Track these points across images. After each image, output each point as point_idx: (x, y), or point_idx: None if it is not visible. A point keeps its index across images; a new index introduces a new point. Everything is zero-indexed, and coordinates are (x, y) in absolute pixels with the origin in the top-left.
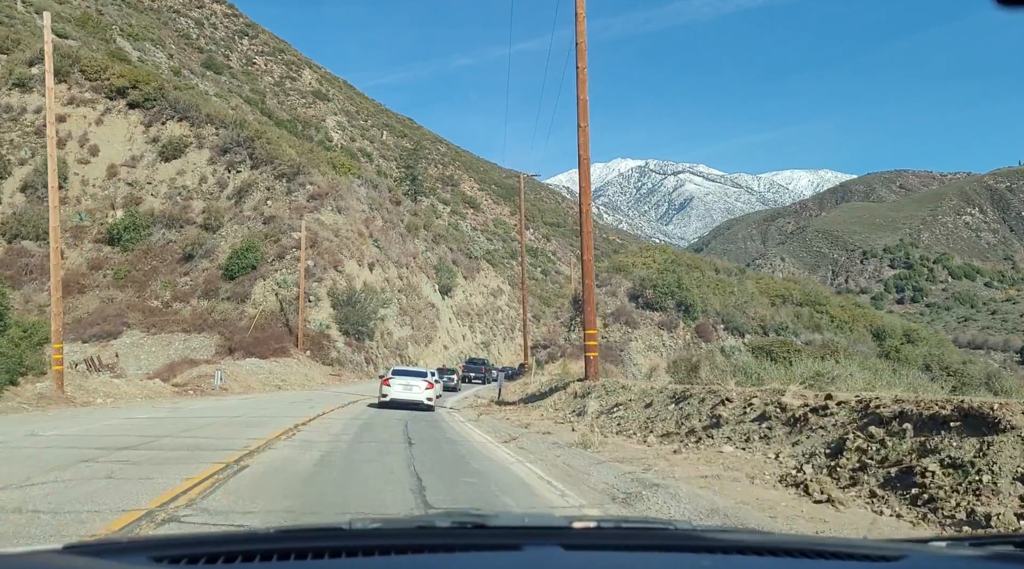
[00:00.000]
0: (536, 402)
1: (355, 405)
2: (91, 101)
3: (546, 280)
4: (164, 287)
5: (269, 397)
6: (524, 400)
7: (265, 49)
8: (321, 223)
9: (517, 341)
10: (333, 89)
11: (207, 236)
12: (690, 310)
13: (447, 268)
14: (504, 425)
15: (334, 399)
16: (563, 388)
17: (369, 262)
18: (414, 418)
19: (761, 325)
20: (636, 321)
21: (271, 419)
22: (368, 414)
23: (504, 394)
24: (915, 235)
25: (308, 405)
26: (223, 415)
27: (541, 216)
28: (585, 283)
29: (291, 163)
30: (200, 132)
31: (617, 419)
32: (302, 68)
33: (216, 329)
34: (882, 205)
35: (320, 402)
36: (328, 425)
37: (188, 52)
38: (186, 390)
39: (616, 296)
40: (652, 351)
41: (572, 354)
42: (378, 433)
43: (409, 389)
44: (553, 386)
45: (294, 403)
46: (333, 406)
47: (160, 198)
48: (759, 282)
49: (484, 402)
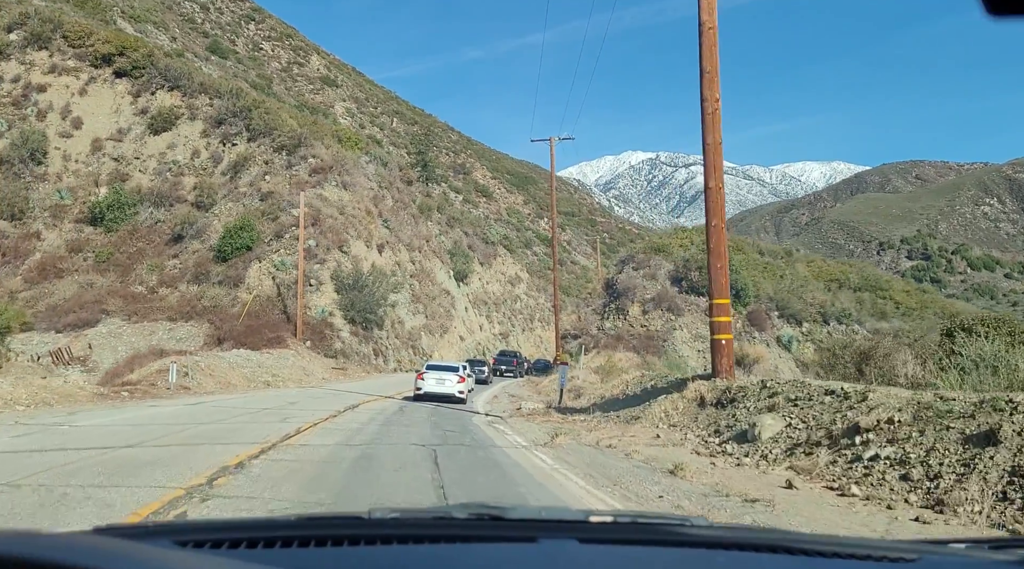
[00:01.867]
0: (625, 410)
1: (356, 412)
2: (74, 70)
3: (562, 270)
4: (150, 271)
5: (241, 400)
6: (601, 407)
7: (272, 34)
8: (324, 199)
9: (537, 332)
10: (342, 75)
11: (199, 215)
12: (741, 295)
13: (463, 253)
14: (615, 461)
15: (328, 402)
16: (671, 391)
17: (378, 243)
18: (447, 446)
19: (820, 312)
20: (680, 307)
21: (163, 464)
22: (372, 433)
23: (564, 396)
24: (932, 226)
25: (281, 416)
26: (84, 448)
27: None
28: (712, 243)
29: (292, 135)
30: (193, 102)
31: (854, 462)
32: (310, 54)
33: (205, 317)
34: (898, 196)
35: (306, 409)
36: (282, 471)
37: (192, 36)
38: (135, 390)
39: (656, 279)
40: (699, 341)
41: (607, 344)
42: (384, 483)
43: (442, 383)
44: (647, 386)
45: (263, 412)
46: (322, 415)
47: (148, 174)
48: (810, 265)
49: (537, 407)
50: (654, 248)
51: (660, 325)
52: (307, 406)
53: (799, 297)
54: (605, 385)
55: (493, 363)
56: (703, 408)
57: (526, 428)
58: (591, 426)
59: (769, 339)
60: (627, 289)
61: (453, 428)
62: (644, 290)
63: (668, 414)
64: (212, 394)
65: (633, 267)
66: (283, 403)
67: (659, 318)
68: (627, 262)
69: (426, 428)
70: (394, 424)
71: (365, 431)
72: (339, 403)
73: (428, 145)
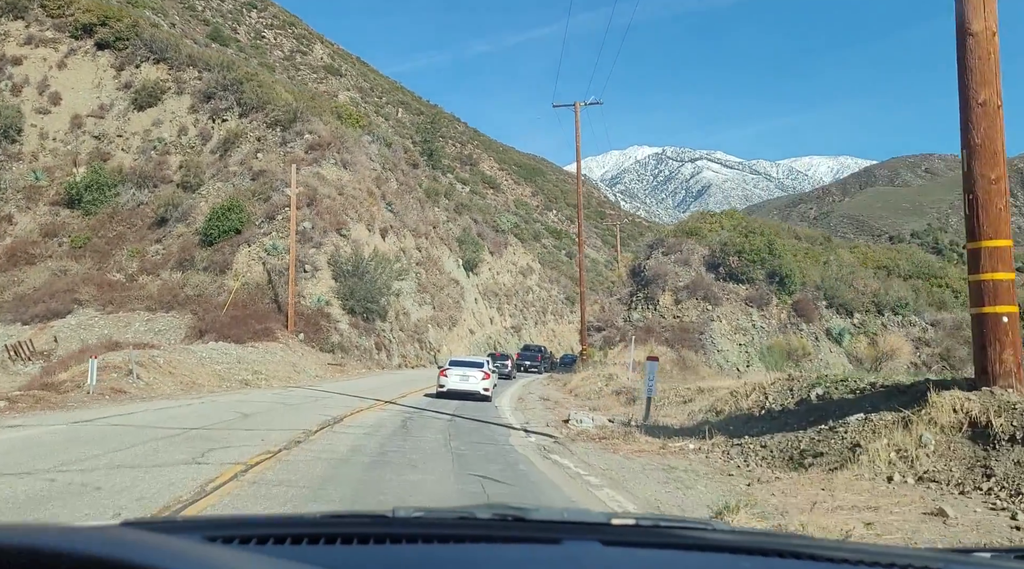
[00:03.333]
0: (783, 438)
1: (334, 434)
2: (53, 41)
3: (571, 263)
4: (130, 257)
5: (173, 413)
6: (724, 428)
7: (275, 22)
8: (322, 178)
9: (550, 326)
10: (346, 65)
11: (184, 196)
12: (786, 282)
13: (472, 240)
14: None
15: (300, 415)
16: (879, 406)
17: (381, 227)
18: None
19: (873, 301)
20: (717, 296)
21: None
22: (344, 492)
23: (647, 407)
24: (943, 220)
25: (189, 453)
26: None
27: (564, 197)
28: (978, 137)
29: (287, 109)
30: (180, 76)
31: None
32: (313, 43)
33: (188, 307)
34: (908, 189)
35: (256, 429)
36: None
37: (193, 24)
38: (47, 394)
39: (689, 265)
40: (741, 334)
41: (638, 338)
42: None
43: (466, 379)
44: (808, 395)
45: (167, 441)
46: (270, 446)
47: (132, 153)
48: (854, 251)
49: (604, 422)
50: (685, 231)
51: (695, 316)
52: (263, 423)
53: (849, 285)
54: (703, 396)
55: (517, 358)
56: (986, 444)
57: (617, 466)
58: (750, 471)
59: (818, 331)
60: (657, 276)
61: (491, 469)
62: (676, 277)
63: (908, 455)
64: (153, 399)
65: (663, 252)
66: (230, 418)
67: (694, 308)
68: (656, 247)
69: (444, 467)
70: (389, 463)
71: (331, 487)
72: (315, 416)
73: (434, 134)
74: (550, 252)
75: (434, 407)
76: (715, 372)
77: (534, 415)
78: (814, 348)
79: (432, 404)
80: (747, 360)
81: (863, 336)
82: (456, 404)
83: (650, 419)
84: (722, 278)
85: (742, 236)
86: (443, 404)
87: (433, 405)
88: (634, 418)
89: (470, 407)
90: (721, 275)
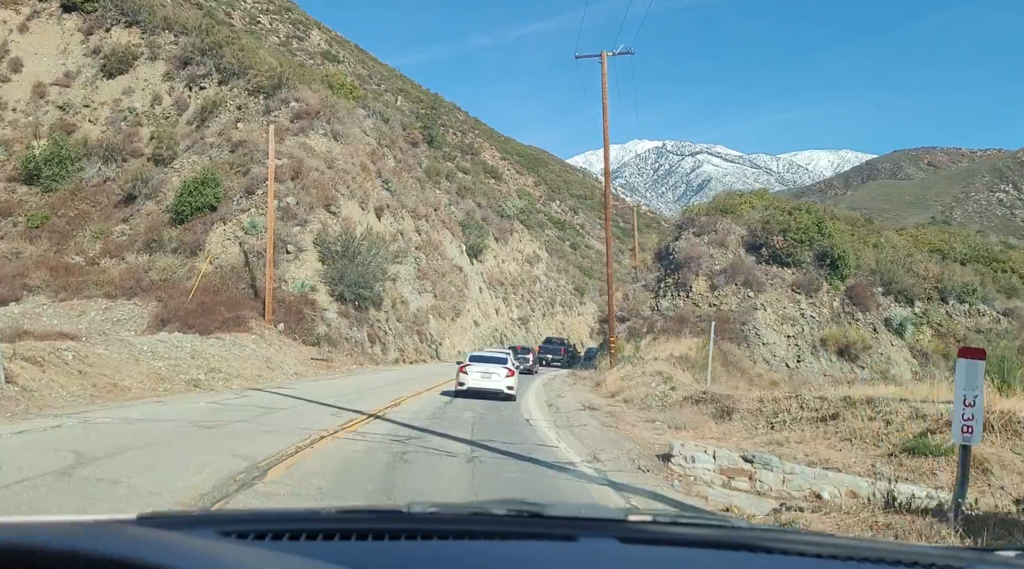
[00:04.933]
0: None
1: (263, 497)
2: (13, 2)
3: (576, 254)
4: (93, 238)
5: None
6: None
7: (270, 7)
8: (309, 149)
9: (558, 318)
10: (344, 51)
11: (156, 171)
12: (838, 266)
13: (476, 224)
14: None
15: (204, 454)
16: None
17: (376, 206)
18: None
19: (936, 288)
20: (760, 281)
21: None
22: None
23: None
24: (947, 213)
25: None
26: None
27: (567, 188)
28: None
29: (270, 74)
30: (154, 40)
31: None
32: (310, 28)
33: (153, 293)
34: (911, 182)
35: (55, 494)
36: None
37: (185, 7)
38: None
39: (726, 247)
40: (788, 324)
41: (666, 328)
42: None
43: (488, 377)
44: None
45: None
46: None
47: (99, 125)
48: (901, 233)
49: (728, 460)
50: (719, 209)
51: (735, 304)
52: (69, 487)
53: (907, 269)
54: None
55: (538, 351)
56: None
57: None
58: None
59: (876, 321)
60: (689, 259)
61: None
62: (711, 260)
63: None
64: (13, 416)
65: (694, 232)
66: (42, 464)
67: (733, 295)
68: (685, 227)
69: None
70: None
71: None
72: (222, 460)
73: (434, 121)
74: (554, 243)
75: (440, 425)
76: (763, 368)
77: (594, 438)
78: (873, 341)
79: (438, 418)
80: (797, 354)
81: (926, 327)
82: (473, 415)
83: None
84: (764, 261)
85: (785, 213)
86: (454, 417)
87: (439, 420)
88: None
89: (493, 421)
90: (763, 257)
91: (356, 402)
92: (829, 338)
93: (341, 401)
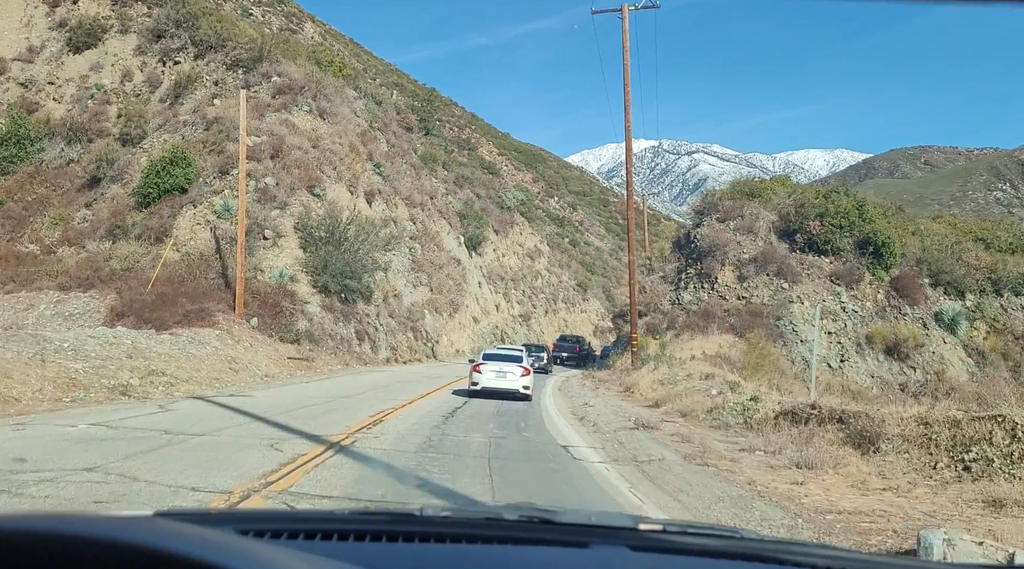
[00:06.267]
0: None
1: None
2: None
3: (576, 250)
4: (53, 224)
5: None
6: None
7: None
8: (291, 126)
9: (561, 315)
10: (339, 45)
11: (124, 151)
12: (881, 254)
13: (475, 214)
14: None
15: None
16: None
17: (367, 191)
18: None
19: (989, 279)
20: (795, 271)
21: None
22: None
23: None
24: (945, 211)
25: None
26: None
27: (565, 184)
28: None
29: (251, 47)
30: (125, 12)
31: None
32: (304, 21)
33: (113, 284)
34: (908, 181)
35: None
36: None
37: None
38: None
39: (755, 233)
40: (829, 319)
41: (690, 324)
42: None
43: (503, 376)
44: None
45: None
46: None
47: (65, 103)
48: (937, 220)
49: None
50: (745, 191)
51: (767, 296)
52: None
53: (957, 258)
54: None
55: (553, 349)
56: None
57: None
58: None
59: (925, 316)
60: (713, 247)
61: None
62: (739, 248)
63: None
64: None
65: (717, 218)
66: None
67: (765, 286)
68: (707, 212)
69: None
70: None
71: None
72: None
73: (431, 114)
74: (554, 239)
75: (438, 464)
76: (801, 368)
77: (694, 491)
78: (924, 338)
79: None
80: (840, 353)
81: (980, 322)
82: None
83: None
84: (799, 248)
85: (820, 196)
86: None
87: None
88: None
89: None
90: (798, 245)
91: (322, 418)
92: (876, 335)
93: (301, 417)
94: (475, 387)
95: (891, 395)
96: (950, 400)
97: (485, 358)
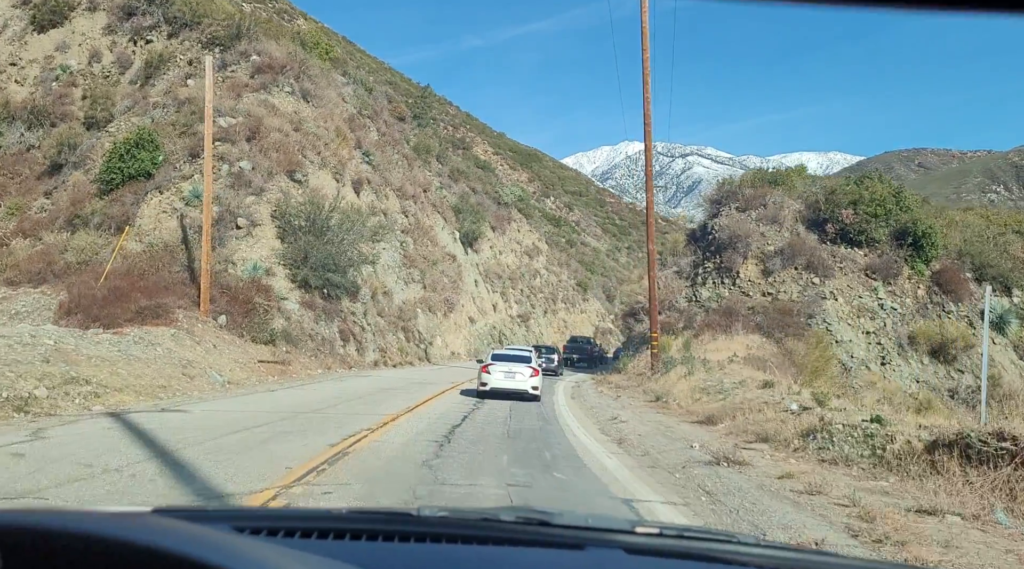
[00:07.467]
0: None
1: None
2: None
3: (574, 251)
4: (8, 215)
5: None
6: None
7: None
8: (271, 107)
9: (560, 315)
10: (331, 42)
11: (88, 135)
12: (922, 246)
13: (471, 208)
14: None
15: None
16: None
17: (354, 179)
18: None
19: None
20: (826, 264)
21: None
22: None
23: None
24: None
25: None
26: None
27: (561, 184)
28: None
29: (228, 23)
30: None
31: None
32: (296, 18)
33: (65, 279)
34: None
35: None
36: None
37: None
38: None
39: (780, 223)
40: (867, 317)
41: (710, 323)
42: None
43: (512, 377)
44: None
45: None
46: None
47: (28, 86)
48: (968, 212)
49: None
50: (767, 180)
51: (796, 292)
52: None
53: (1002, 252)
54: None
55: (564, 350)
56: None
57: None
58: None
59: (970, 314)
60: (734, 239)
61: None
62: (763, 240)
63: None
64: None
65: (737, 207)
66: None
67: (793, 281)
68: (725, 201)
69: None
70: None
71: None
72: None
73: (425, 111)
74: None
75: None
76: (837, 371)
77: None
78: (973, 339)
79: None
80: (881, 355)
81: None
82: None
83: None
84: (830, 240)
85: (851, 182)
86: None
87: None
88: None
89: None
90: (828, 236)
91: (258, 450)
92: (919, 335)
93: (229, 448)
94: (484, 387)
95: (943, 403)
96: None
97: (494, 358)
